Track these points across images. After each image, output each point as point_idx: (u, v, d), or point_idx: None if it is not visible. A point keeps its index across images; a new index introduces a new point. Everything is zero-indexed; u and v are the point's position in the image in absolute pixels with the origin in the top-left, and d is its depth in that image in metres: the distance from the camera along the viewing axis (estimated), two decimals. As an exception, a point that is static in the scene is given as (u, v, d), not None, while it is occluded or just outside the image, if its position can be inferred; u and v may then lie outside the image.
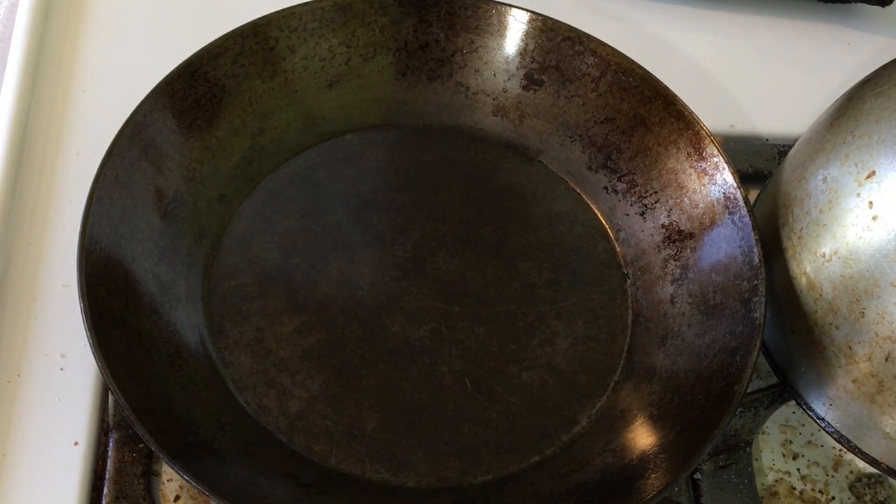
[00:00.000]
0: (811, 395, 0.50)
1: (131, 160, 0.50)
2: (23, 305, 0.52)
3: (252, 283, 0.53)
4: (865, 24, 0.70)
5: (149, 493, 0.48)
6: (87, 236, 0.47)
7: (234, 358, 0.50)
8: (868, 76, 0.50)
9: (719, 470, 0.52)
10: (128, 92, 0.51)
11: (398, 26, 0.58)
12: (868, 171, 0.45)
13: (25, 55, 0.58)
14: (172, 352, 0.49)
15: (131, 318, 0.48)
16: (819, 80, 0.65)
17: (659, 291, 0.54)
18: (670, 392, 0.50)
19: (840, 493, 0.53)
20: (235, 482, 0.46)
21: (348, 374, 0.51)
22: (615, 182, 0.57)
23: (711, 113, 0.56)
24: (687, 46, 0.67)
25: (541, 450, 0.50)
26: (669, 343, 0.52)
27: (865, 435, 0.48)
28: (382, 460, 0.49)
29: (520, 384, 0.52)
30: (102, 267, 0.47)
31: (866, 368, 0.46)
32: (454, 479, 0.49)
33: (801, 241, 0.49)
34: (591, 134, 0.58)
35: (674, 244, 0.55)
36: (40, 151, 0.57)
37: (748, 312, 0.49)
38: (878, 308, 0.45)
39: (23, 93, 0.57)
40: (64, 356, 0.51)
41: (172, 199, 0.52)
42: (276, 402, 0.49)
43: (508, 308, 0.54)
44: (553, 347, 0.53)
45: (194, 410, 0.47)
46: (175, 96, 0.52)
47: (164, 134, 0.52)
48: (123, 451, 0.49)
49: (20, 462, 0.48)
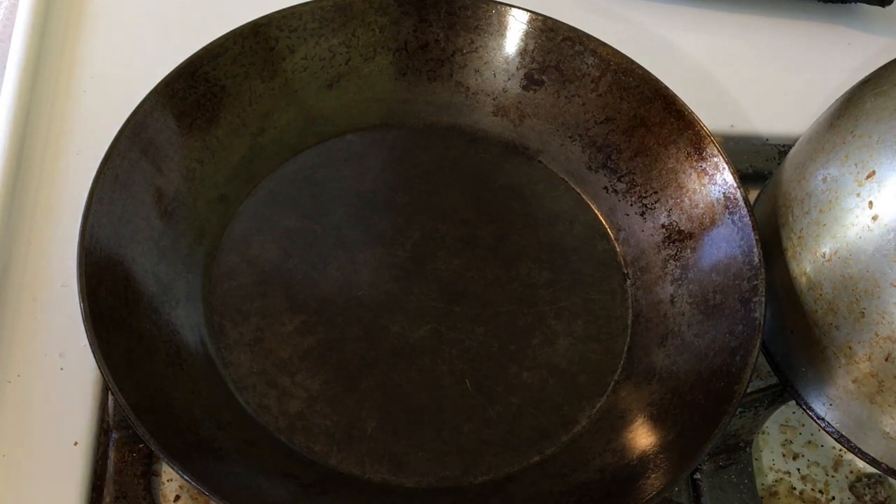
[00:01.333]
0: (811, 395, 0.50)
1: (131, 160, 0.50)
2: (23, 305, 0.52)
3: (252, 282, 0.53)
4: (865, 24, 0.70)
5: (149, 493, 0.48)
6: (87, 236, 0.47)
7: (234, 358, 0.50)
8: (868, 76, 0.50)
9: (719, 470, 0.52)
10: (128, 92, 0.51)
11: (398, 26, 0.58)
12: (868, 171, 0.45)
13: (25, 55, 0.58)
14: (172, 352, 0.49)
15: (131, 318, 0.48)
16: (819, 80, 0.65)
17: (659, 291, 0.54)
18: (670, 392, 0.50)
19: (840, 493, 0.53)
20: (235, 482, 0.46)
21: (348, 374, 0.51)
22: (615, 182, 0.57)
23: (711, 113, 0.56)
24: (687, 46, 0.67)
25: (541, 450, 0.50)
26: (669, 343, 0.52)
27: (865, 435, 0.48)
28: (382, 460, 0.49)
29: (520, 384, 0.52)
30: (102, 267, 0.47)
31: (866, 368, 0.46)
32: (454, 479, 0.49)
33: (801, 241, 0.49)
34: (591, 134, 0.58)
35: (674, 244, 0.55)
36: (40, 151, 0.57)
37: (748, 312, 0.49)
38: (878, 308, 0.45)
39: (23, 93, 0.57)
40: (63, 356, 0.51)
41: (172, 199, 0.52)
42: (276, 402, 0.49)
43: (508, 308, 0.54)
44: (553, 347, 0.53)
45: (194, 410, 0.47)
46: (175, 96, 0.52)
47: (164, 134, 0.52)
48: (123, 451, 0.49)
49: (20, 462, 0.48)
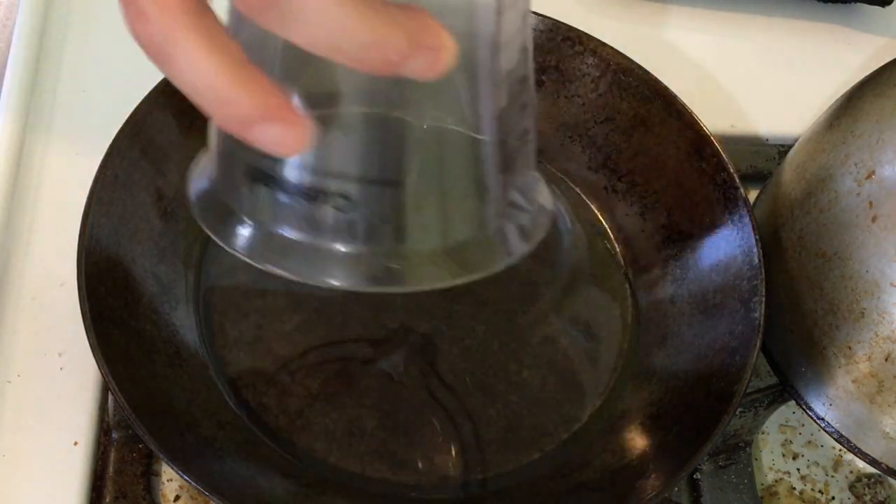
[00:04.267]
0: (811, 395, 0.50)
1: (131, 160, 0.50)
2: (22, 305, 0.52)
3: (251, 281, 0.53)
4: (865, 24, 0.70)
5: (149, 493, 0.48)
6: (87, 236, 0.47)
7: (234, 357, 0.50)
8: (868, 76, 0.50)
9: (719, 470, 0.52)
10: (128, 92, 0.51)
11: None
12: (868, 171, 0.45)
13: (25, 55, 0.58)
14: (172, 352, 0.49)
15: (131, 318, 0.48)
16: (819, 80, 0.65)
17: (659, 291, 0.54)
18: (670, 392, 0.50)
19: (840, 493, 0.53)
20: (235, 482, 0.46)
21: (348, 373, 0.51)
22: (615, 182, 0.57)
23: (711, 113, 0.56)
24: (687, 46, 0.67)
25: (541, 448, 0.50)
26: (669, 343, 0.52)
27: (865, 435, 0.48)
28: (382, 459, 0.49)
29: (520, 383, 0.52)
30: (102, 267, 0.47)
31: (866, 368, 0.46)
32: (454, 478, 0.49)
33: (801, 241, 0.48)
34: (591, 134, 0.58)
35: (674, 244, 0.55)
36: (40, 151, 0.57)
37: (748, 312, 0.49)
38: (878, 308, 0.45)
39: (23, 93, 0.57)
40: (63, 356, 0.51)
41: (172, 199, 0.52)
42: (276, 401, 0.49)
43: (509, 307, 0.54)
44: (553, 346, 0.53)
45: (194, 410, 0.47)
46: (175, 96, 0.51)
47: (164, 134, 0.52)
48: (123, 451, 0.49)
49: (20, 462, 0.48)
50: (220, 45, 0.27)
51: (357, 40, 0.26)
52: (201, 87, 0.27)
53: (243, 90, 0.27)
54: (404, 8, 0.27)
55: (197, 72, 0.27)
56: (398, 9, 0.27)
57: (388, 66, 0.27)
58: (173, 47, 0.27)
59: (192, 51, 0.27)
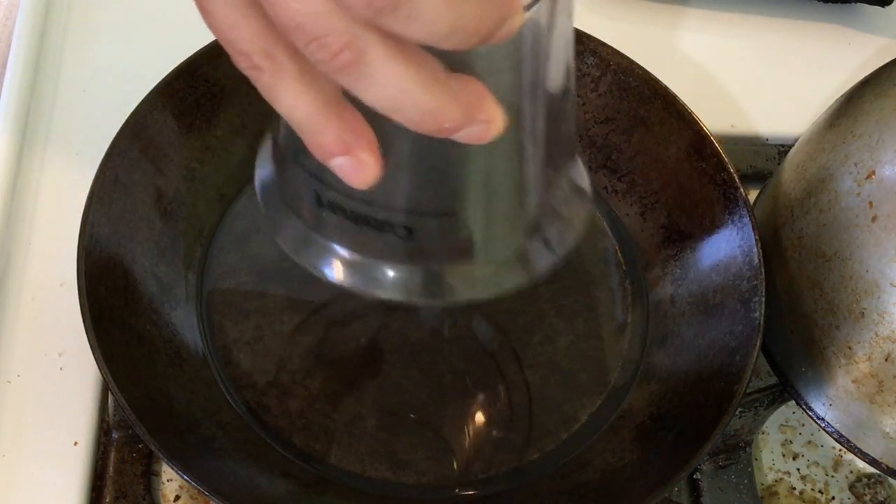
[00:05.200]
0: (811, 395, 0.50)
1: (131, 160, 0.50)
2: (22, 305, 0.52)
3: (252, 281, 0.53)
4: (865, 24, 0.70)
5: (149, 493, 0.48)
6: (87, 236, 0.47)
7: (234, 357, 0.50)
8: (868, 76, 0.50)
9: (719, 470, 0.52)
10: (128, 92, 0.51)
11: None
12: (868, 171, 0.45)
13: (25, 55, 0.58)
14: (172, 352, 0.49)
15: (131, 318, 0.48)
16: (819, 80, 0.65)
17: (659, 291, 0.54)
18: (670, 392, 0.50)
19: (840, 493, 0.53)
20: (235, 482, 0.46)
21: (348, 373, 0.51)
22: (615, 182, 0.57)
23: (711, 113, 0.56)
24: (687, 46, 0.67)
25: (541, 448, 0.50)
26: (669, 343, 0.52)
27: (865, 435, 0.48)
28: (382, 459, 0.49)
29: (520, 382, 0.52)
30: (102, 267, 0.47)
31: (866, 368, 0.46)
32: (454, 478, 0.49)
33: (801, 241, 0.48)
34: (591, 134, 0.58)
35: (674, 244, 0.55)
36: (40, 151, 0.57)
37: (748, 312, 0.49)
38: (878, 308, 0.45)
39: (23, 93, 0.57)
40: (63, 356, 0.51)
41: (172, 199, 0.52)
42: (276, 401, 0.49)
43: (509, 306, 0.54)
44: (554, 346, 0.53)
45: (194, 410, 0.48)
46: (175, 96, 0.52)
47: (164, 134, 0.52)
48: (123, 451, 0.49)
49: (20, 462, 0.48)
50: (314, 79, 0.29)
51: (418, 107, 0.28)
52: (301, 116, 0.30)
53: (331, 124, 0.30)
54: (463, 80, 0.29)
55: (296, 107, 0.30)
56: (458, 80, 0.29)
57: (441, 132, 0.29)
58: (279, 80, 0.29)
59: (292, 83, 0.29)
